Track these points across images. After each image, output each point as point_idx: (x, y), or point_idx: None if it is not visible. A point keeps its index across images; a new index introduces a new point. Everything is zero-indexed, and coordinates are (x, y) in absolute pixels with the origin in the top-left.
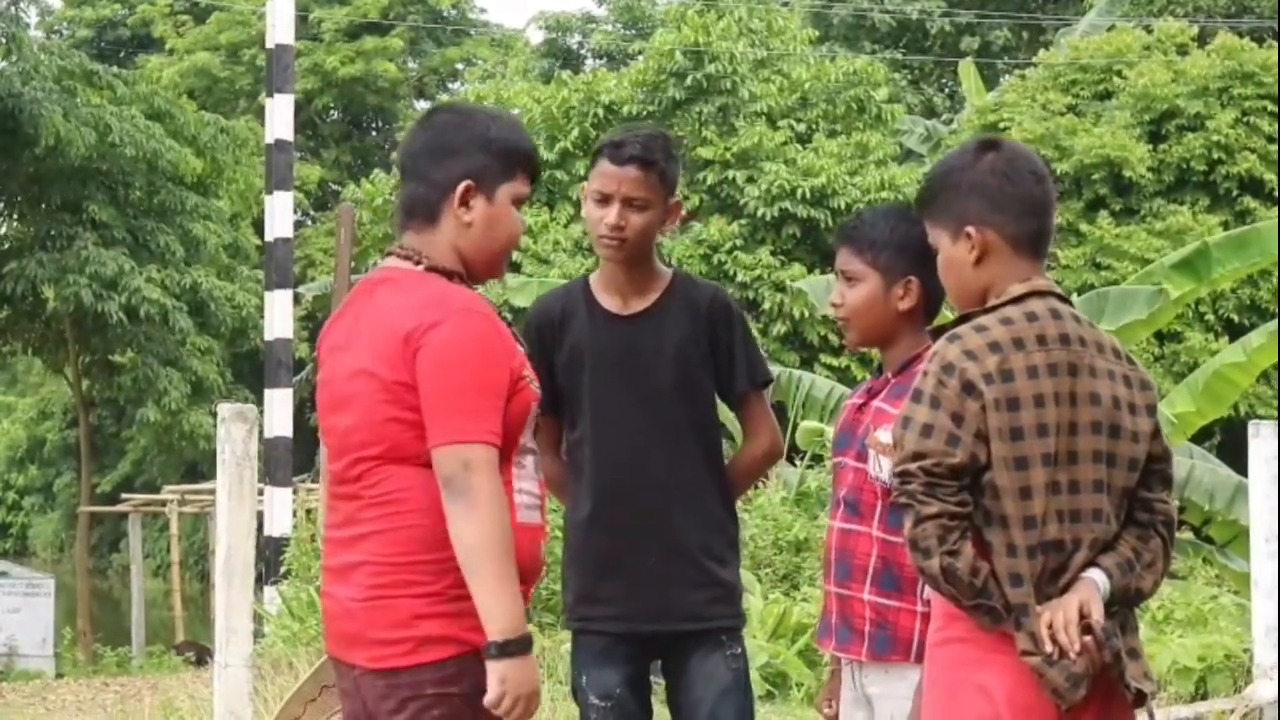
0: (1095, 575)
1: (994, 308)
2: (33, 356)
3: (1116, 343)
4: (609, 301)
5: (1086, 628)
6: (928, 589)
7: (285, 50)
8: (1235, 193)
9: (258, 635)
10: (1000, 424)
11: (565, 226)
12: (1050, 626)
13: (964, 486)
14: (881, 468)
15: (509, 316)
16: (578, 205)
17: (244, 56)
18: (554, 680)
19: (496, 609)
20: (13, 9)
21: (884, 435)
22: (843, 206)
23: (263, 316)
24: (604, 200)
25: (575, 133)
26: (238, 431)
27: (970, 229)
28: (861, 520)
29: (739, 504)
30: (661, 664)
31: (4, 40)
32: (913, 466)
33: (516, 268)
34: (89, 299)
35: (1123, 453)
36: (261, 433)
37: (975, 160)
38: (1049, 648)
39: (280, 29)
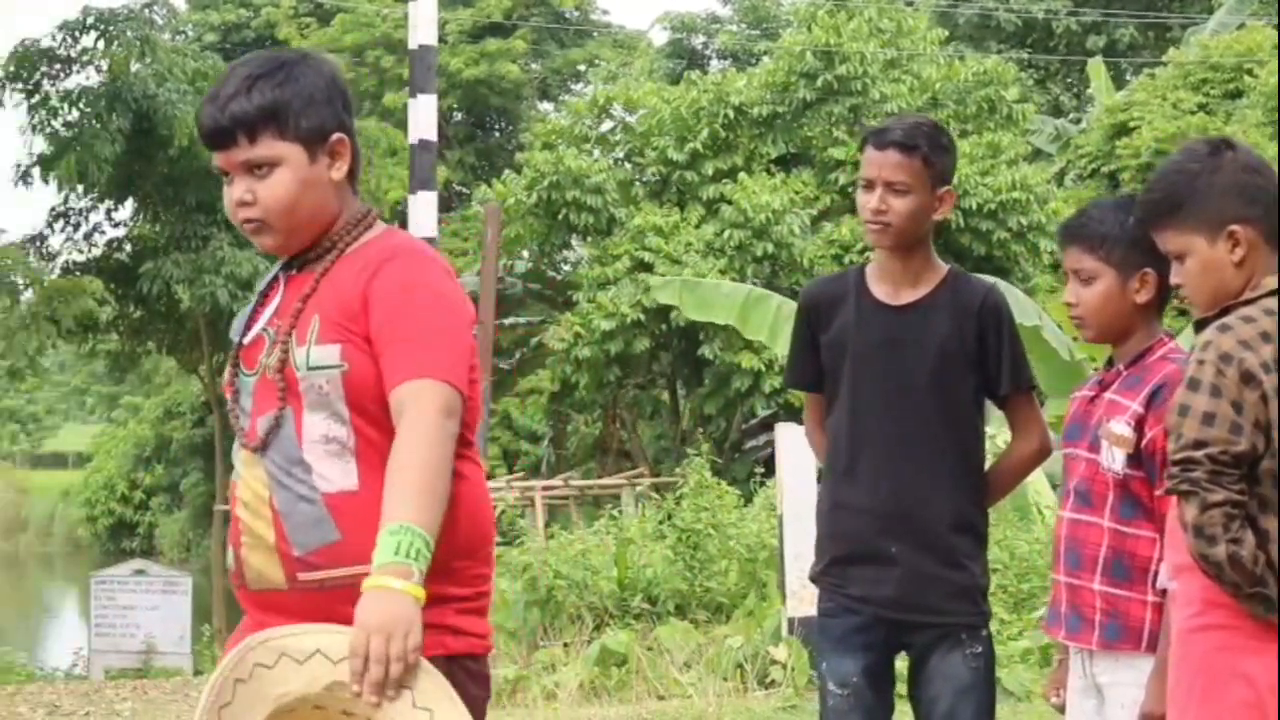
0: None
1: (1249, 301)
2: (165, 356)
3: None
4: (880, 290)
5: None
6: (1161, 579)
7: (427, 51)
8: None
9: None
10: (1277, 413)
11: (696, 227)
12: None
13: (1244, 475)
14: (1114, 459)
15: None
16: (709, 206)
17: (368, 58)
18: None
19: None
20: (146, 11)
21: (1116, 426)
22: (974, 207)
23: None
24: (868, 186)
25: (705, 133)
26: None
27: (1235, 228)
28: (1093, 510)
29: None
30: (909, 660)
31: (137, 43)
32: (1197, 454)
33: (649, 268)
34: (224, 299)
35: None
36: None
37: (1218, 161)
38: None
39: (422, 30)
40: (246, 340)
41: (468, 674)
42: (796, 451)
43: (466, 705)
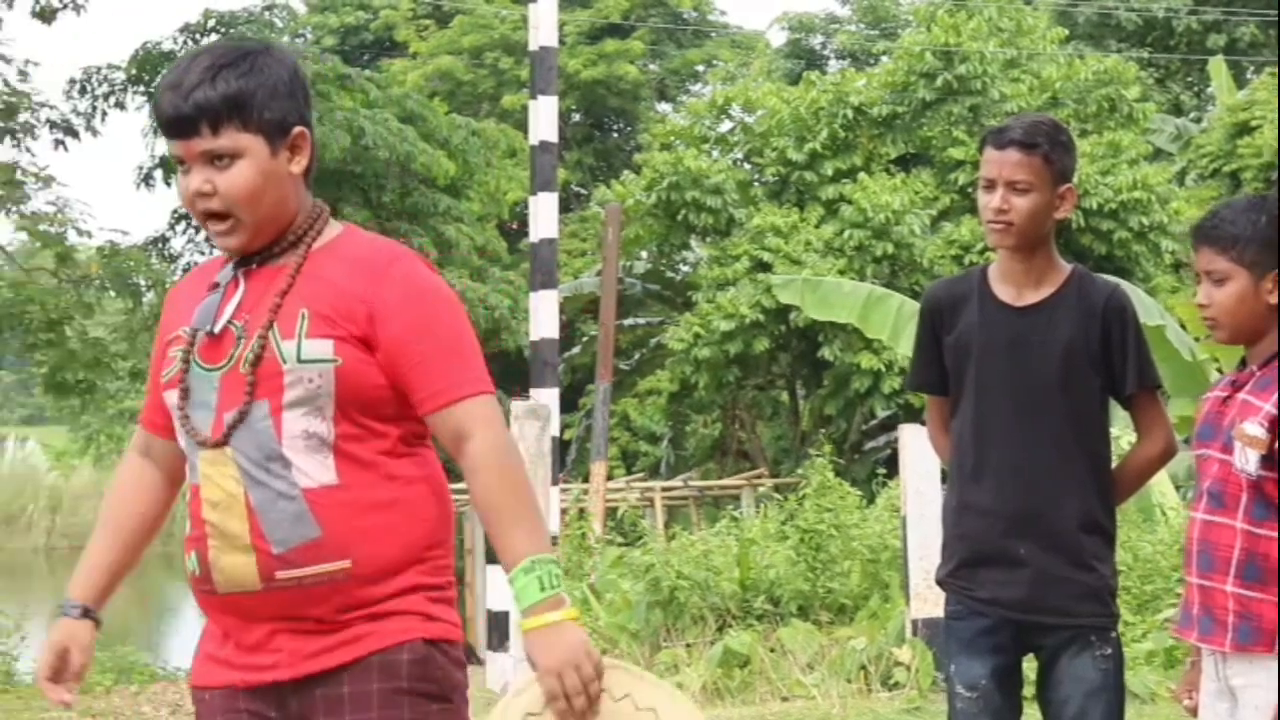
0: None
1: None
2: None
3: None
4: (1003, 291)
5: None
6: None
7: (548, 53)
8: None
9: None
10: None
11: (816, 227)
12: None
13: None
14: (1247, 460)
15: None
16: (828, 206)
17: (486, 59)
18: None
19: None
20: (266, 14)
21: (1250, 428)
22: (1095, 207)
23: (515, 318)
24: (989, 186)
25: (824, 133)
26: (530, 429)
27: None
28: (1226, 512)
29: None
30: (1038, 662)
31: None
32: None
33: (768, 268)
34: None
35: None
36: None
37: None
38: None
39: (543, 32)
40: (216, 330)
41: (448, 658)
42: (920, 453)
43: (451, 689)
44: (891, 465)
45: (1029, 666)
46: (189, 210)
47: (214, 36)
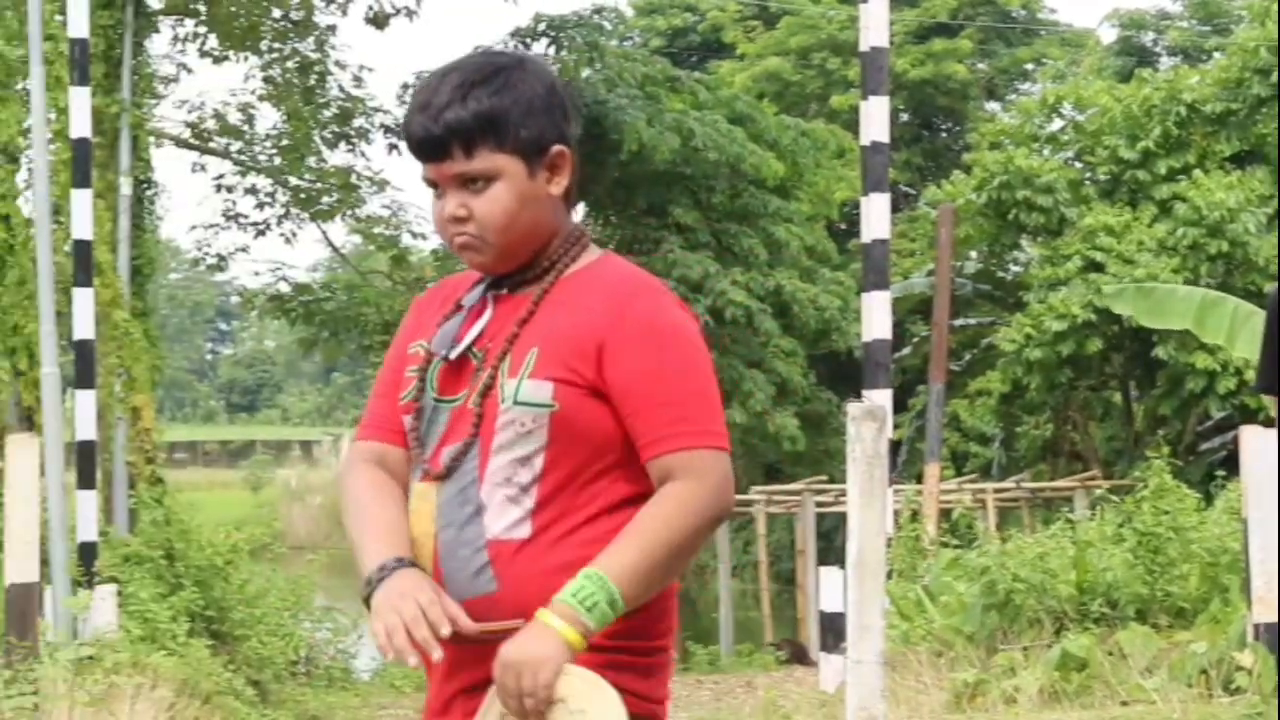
0: None
1: None
2: None
3: None
4: None
5: None
6: None
7: (880, 53)
8: None
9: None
10: None
11: (1149, 226)
12: None
13: None
14: None
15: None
16: (1162, 205)
17: (814, 60)
18: None
19: None
20: (595, 18)
21: None
22: None
23: (844, 319)
24: None
25: (1157, 131)
26: (868, 430)
27: None
28: None
29: None
30: None
31: (586, 49)
32: None
33: (1100, 268)
34: None
35: None
36: None
37: None
38: None
39: (873, 32)
40: (453, 356)
41: None
42: (1260, 454)
43: None
44: (1227, 466)
45: None
46: (440, 235)
47: (544, 41)
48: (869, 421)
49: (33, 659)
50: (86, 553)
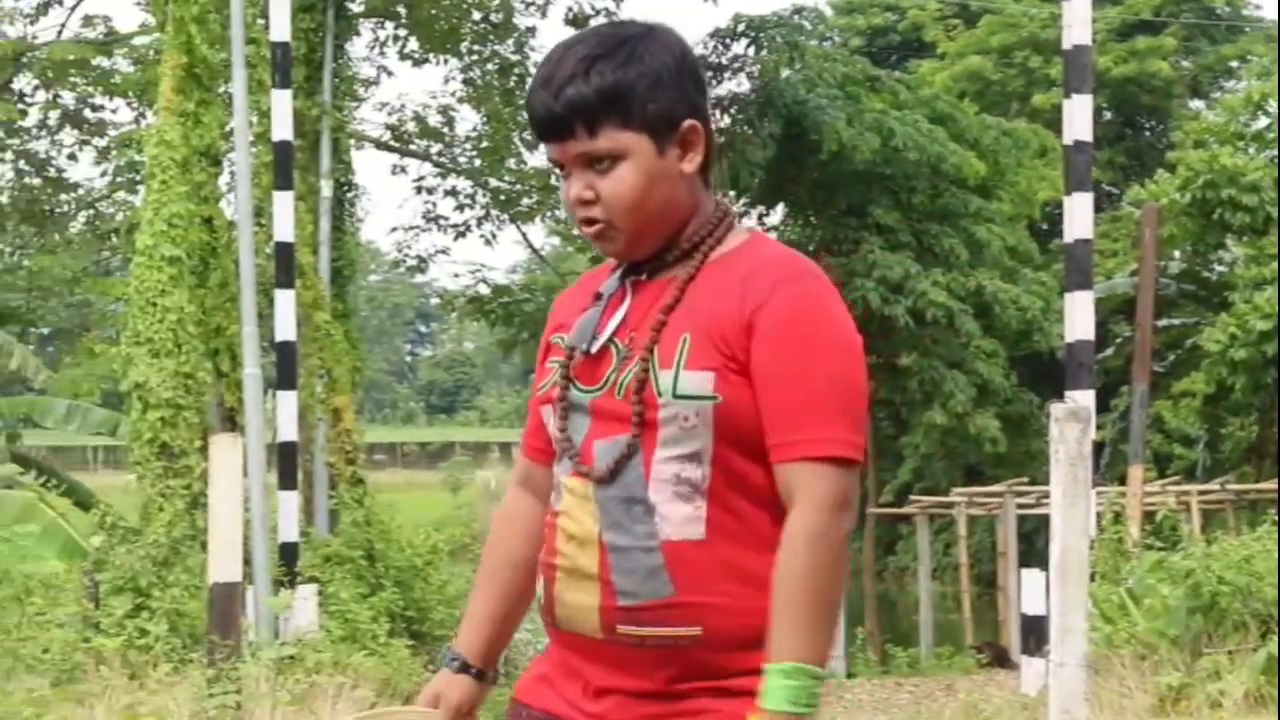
0: None
1: None
2: None
3: None
4: None
5: None
6: None
7: (1083, 51)
8: None
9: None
10: None
11: None
12: None
13: None
14: None
15: None
16: None
17: (1015, 58)
18: None
19: None
20: (795, 18)
21: None
22: None
23: (1046, 319)
24: None
25: None
26: (1071, 431)
27: None
28: None
29: None
30: None
31: (786, 49)
32: None
33: None
34: (876, 302)
35: None
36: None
37: None
38: None
39: (1076, 30)
40: (594, 350)
41: None
42: None
43: None
44: None
45: None
46: (570, 216)
47: (744, 41)
48: (1072, 422)
49: (235, 658)
50: (288, 553)
